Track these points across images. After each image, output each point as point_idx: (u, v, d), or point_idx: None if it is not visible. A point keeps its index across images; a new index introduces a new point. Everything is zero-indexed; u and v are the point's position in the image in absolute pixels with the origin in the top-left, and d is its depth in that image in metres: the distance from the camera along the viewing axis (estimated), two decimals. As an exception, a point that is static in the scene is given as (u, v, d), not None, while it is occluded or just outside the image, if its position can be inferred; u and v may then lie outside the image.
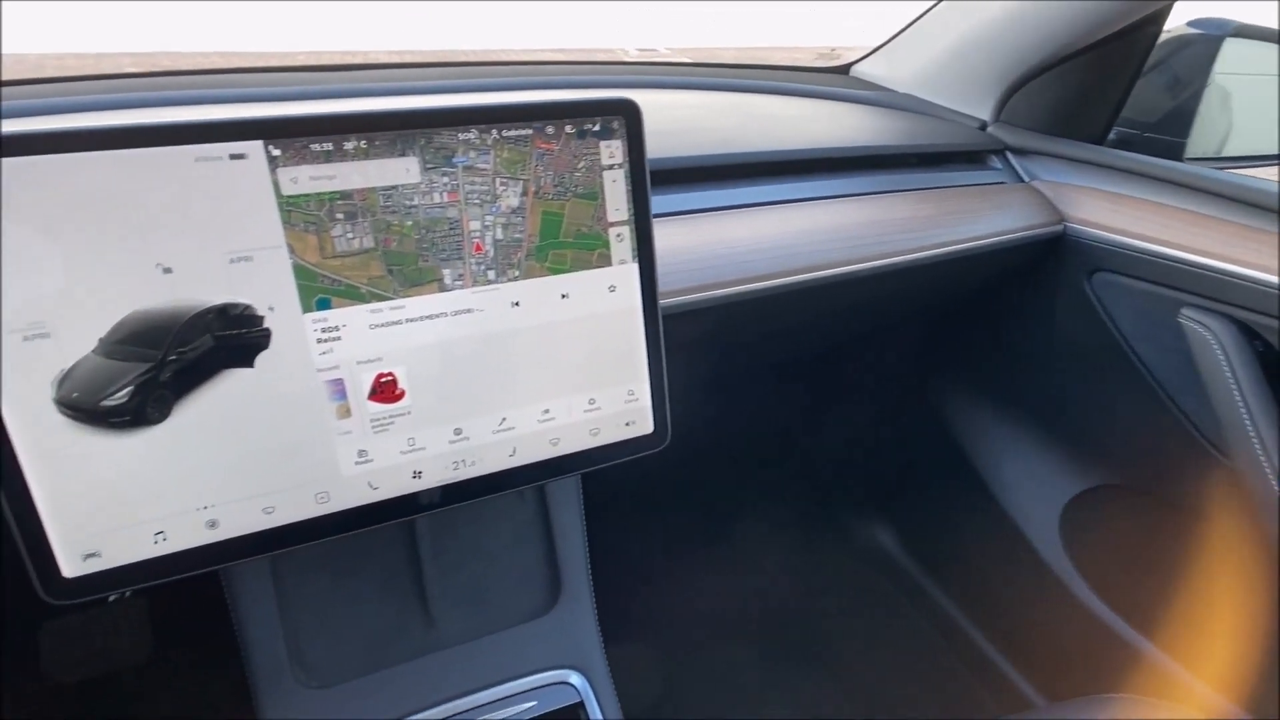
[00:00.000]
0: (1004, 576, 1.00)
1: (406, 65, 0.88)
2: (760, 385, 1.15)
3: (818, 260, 0.65)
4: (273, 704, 0.53)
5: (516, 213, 0.44)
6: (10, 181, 0.34)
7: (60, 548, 0.38)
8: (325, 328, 0.41)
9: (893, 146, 0.82)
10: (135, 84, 0.73)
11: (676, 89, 0.95)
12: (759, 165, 0.72)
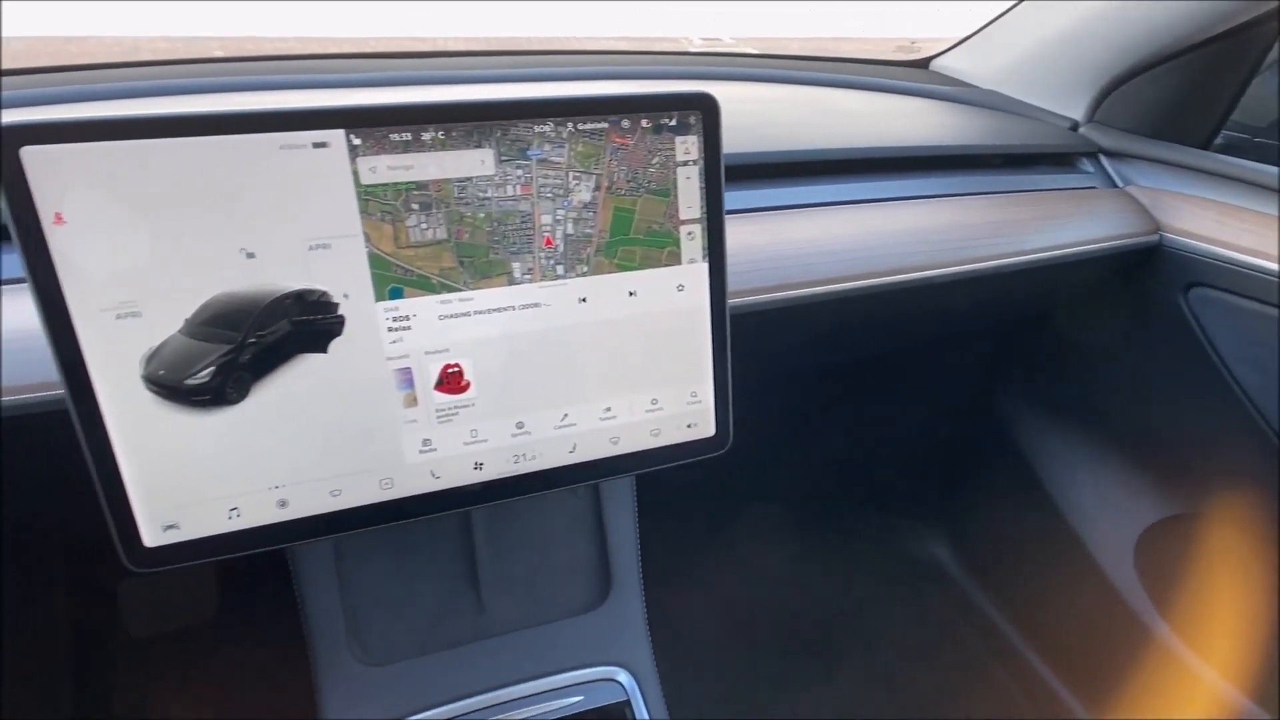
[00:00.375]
0: (1067, 599, 0.95)
1: (476, 53, 0.89)
2: (815, 387, 1.12)
3: (891, 264, 0.62)
4: (331, 677, 0.54)
5: (588, 208, 0.43)
6: (107, 165, 0.35)
7: (142, 518, 0.39)
8: (396, 317, 0.41)
9: (975, 146, 0.78)
10: (219, 69, 0.76)
11: (747, 81, 0.93)
12: (832, 163, 0.70)
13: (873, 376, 1.12)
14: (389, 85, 0.73)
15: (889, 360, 1.08)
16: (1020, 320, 0.92)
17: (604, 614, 0.61)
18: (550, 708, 0.56)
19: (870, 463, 1.22)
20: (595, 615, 0.61)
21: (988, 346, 0.99)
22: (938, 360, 1.07)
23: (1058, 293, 0.82)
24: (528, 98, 0.40)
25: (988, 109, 0.88)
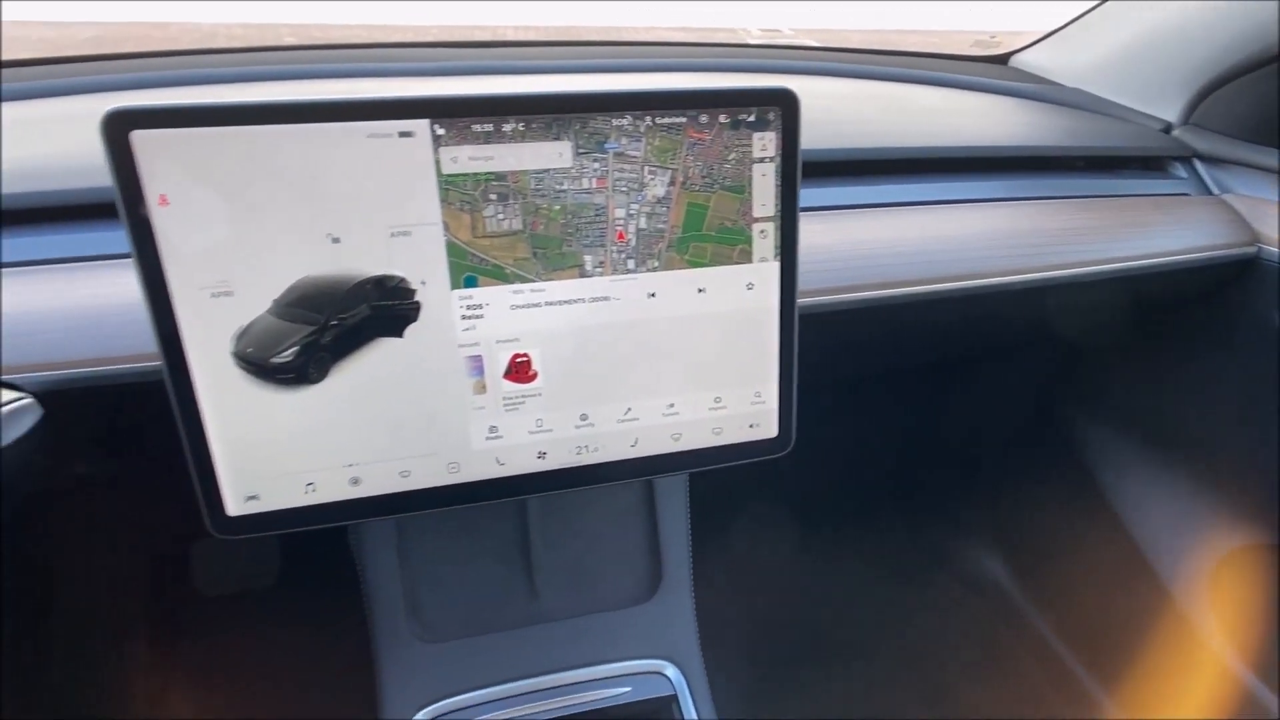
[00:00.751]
0: (1130, 623, 0.91)
1: (544, 43, 0.89)
2: (870, 389, 1.10)
3: (963, 269, 0.60)
4: (389, 651, 0.56)
5: (661, 203, 0.43)
6: (208, 150, 0.36)
7: (227, 488, 0.41)
8: (470, 305, 0.42)
9: (1057, 147, 0.75)
10: (299, 56, 0.78)
11: (818, 75, 0.91)
12: (905, 162, 0.68)
13: (931, 382, 1.09)
14: (461, 75, 0.74)
15: (949, 366, 1.05)
16: (1095, 331, 0.88)
17: (653, 607, 0.61)
18: (599, 696, 0.57)
19: (922, 470, 1.19)
20: (645, 608, 0.61)
21: (1057, 356, 0.95)
22: (1001, 368, 1.03)
23: (1141, 305, 0.78)
24: (609, 90, 0.40)
25: (1072, 108, 0.84)
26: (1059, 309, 0.75)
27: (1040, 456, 1.00)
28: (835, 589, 1.09)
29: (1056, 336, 0.90)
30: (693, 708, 0.57)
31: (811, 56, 0.98)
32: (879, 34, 7.59)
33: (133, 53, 0.78)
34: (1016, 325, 0.80)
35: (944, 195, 0.67)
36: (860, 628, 1.05)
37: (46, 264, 0.48)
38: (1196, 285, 0.73)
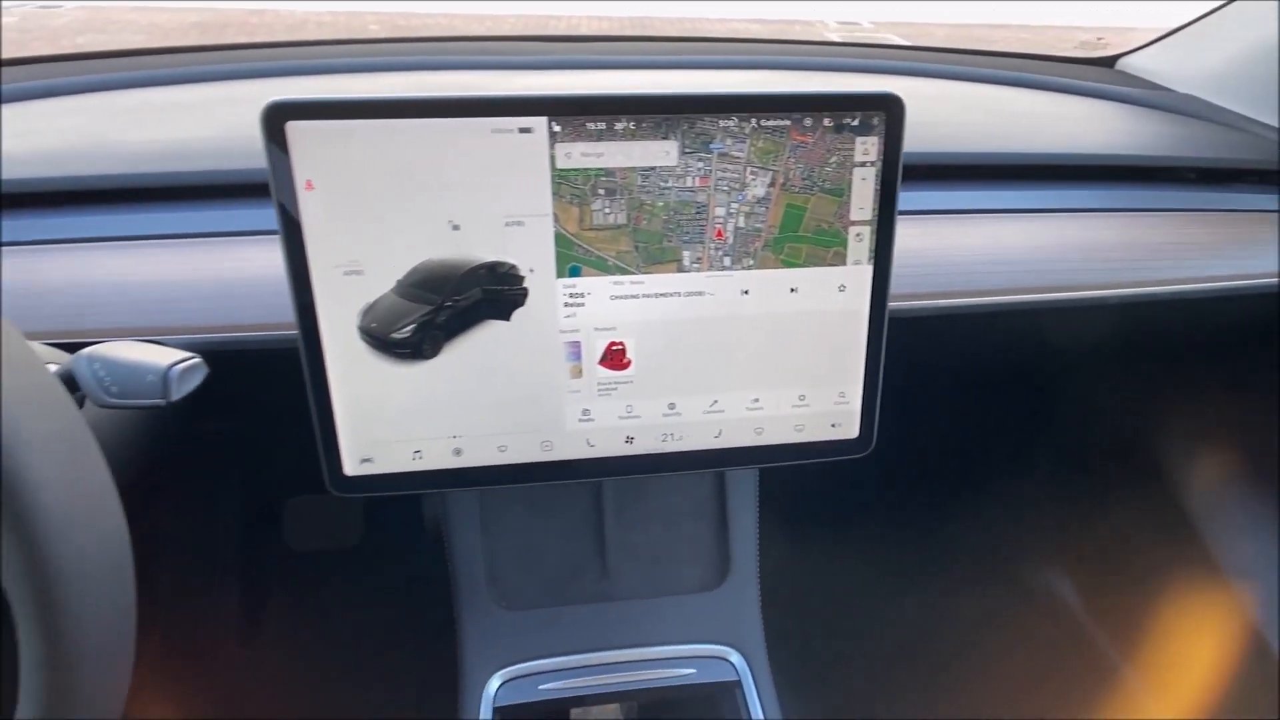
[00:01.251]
0: (1204, 654, 0.87)
1: (637, 39, 0.91)
2: (950, 398, 1.08)
3: (1059, 280, 0.59)
4: (470, 615, 0.60)
5: (761, 203, 0.44)
6: (350, 140, 0.40)
7: (345, 450, 0.45)
8: (573, 293, 0.44)
9: (1166, 157, 0.72)
10: (407, 48, 0.82)
11: (911, 76, 0.89)
12: (1003, 168, 0.67)
13: (1011, 392, 1.06)
14: (559, 69, 0.77)
15: (1031, 376, 1.02)
16: (1193, 349, 0.84)
17: (720, 595, 0.63)
18: (664, 674, 0.59)
19: (994, 481, 1.16)
20: (712, 595, 0.63)
21: (1148, 372, 0.91)
22: (1087, 382, 0.99)
23: (1251, 327, 0.74)
24: (718, 93, 0.42)
25: (1184, 116, 0.80)
26: (1161, 326, 0.73)
27: (1120, 475, 0.96)
28: (897, 594, 1.08)
29: (1155, 355, 0.86)
30: (755, 695, 0.59)
31: (905, 56, 0.96)
32: (965, 29, 7.20)
33: (258, 43, 0.84)
34: (1110, 340, 0.78)
35: (1042, 203, 0.65)
36: (921, 635, 1.04)
37: (191, 238, 0.53)
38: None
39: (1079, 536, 1.06)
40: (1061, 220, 0.63)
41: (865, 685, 0.96)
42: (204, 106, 0.65)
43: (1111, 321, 0.68)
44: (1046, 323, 0.65)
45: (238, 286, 0.51)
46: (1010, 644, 1.05)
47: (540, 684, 0.58)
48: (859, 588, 1.07)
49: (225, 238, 0.53)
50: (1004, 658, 1.04)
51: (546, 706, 0.57)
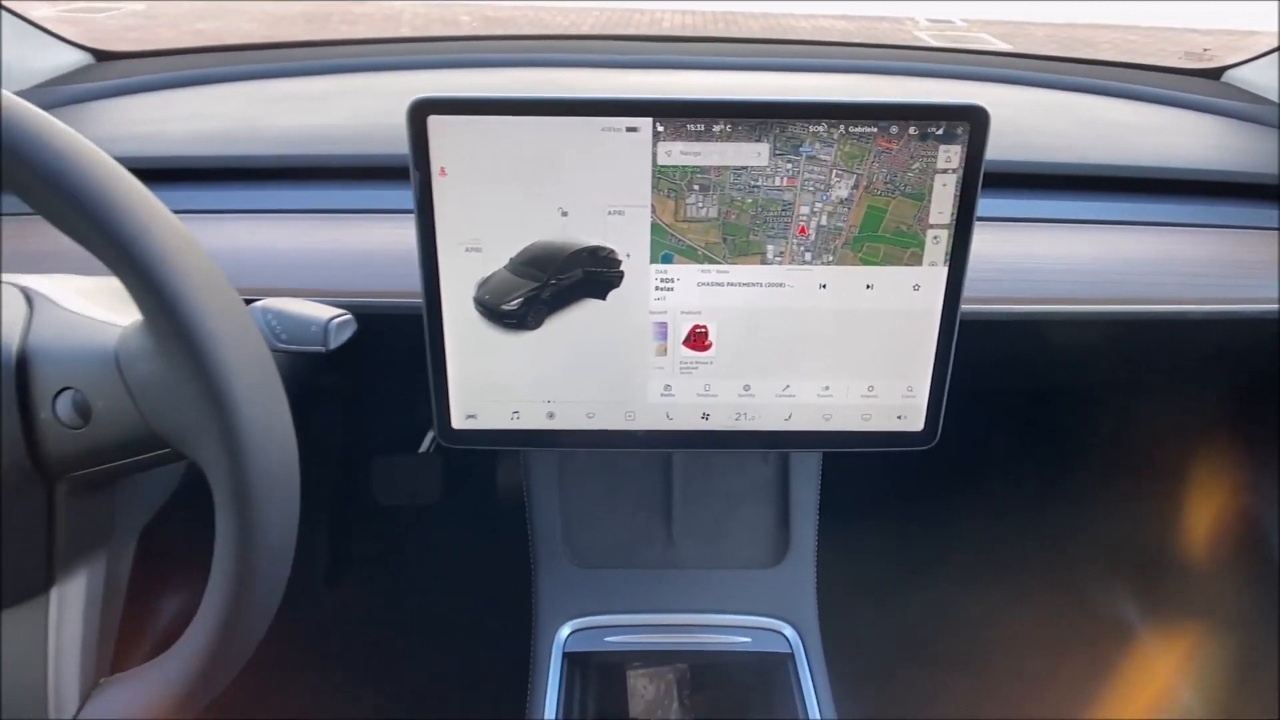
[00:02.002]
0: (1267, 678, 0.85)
1: (731, 40, 0.95)
2: (1020, 405, 1.07)
3: (1133, 293, 0.60)
4: (546, 569, 0.66)
5: (844, 204, 0.48)
6: (479, 134, 0.45)
7: (454, 406, 0.51)
8: (664, 278, 0.49)
9: (1266, 174, 0.70)
10: (503, 46, 0.88)
11: (1005, 84, 0.90)
12: (1091, 179, 0.67)
13: (1085, 402, 1.04)
14: (658, 69, 0.81)
15: (1105, 387, 1.00)
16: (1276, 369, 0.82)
17: (778, 573, 0.66)
18: (721, 640, 0.63)
19: (1060, 492, 1.14)
20: (770, 573, 0.67)
21: (1227, 391, 0.88)
22: (1161, 397, 0.97)
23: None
24: (810, 100, 0.45)
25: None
26: (1241, 347, 0.72)
27: (1192, 495, 0.94)
28: (954, 597, 1.08)
29: (1238, 375, 0.84)
30: (807, 668, 0.62)
31: (998, 63, 0.96)
32: (1068, 29, 6.84)
33: (386, 38, 0.92)
34: (1188, 359, 0.77)
35: (1127, 215, 0.65)
36: (974, 640, 1.04)
37: (328, 213, 0.60)
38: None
39: (1147, 553, 1.04)
40: (1140, 232, 0.63)
41: (911, 673, 0.98)
42: (340, 96, 0.72)
43: (1189, 337, 0.67)
44: (1119, 335, 0.65)
45: (366, 258, 0.58)
46: (1069, 656, 1.05)
47: (606, 636, 0.63)
48: (914, 589, 1.08)
49: (357, 214, 0.59)
50: (1060, 668, 1.03)
51: (610, 656, 0.63)
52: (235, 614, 0.34)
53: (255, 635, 0.36)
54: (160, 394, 0.32)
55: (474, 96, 0.44)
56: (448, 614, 0.96)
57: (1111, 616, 1.05)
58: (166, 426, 0.33)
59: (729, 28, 6.99)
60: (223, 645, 0.35)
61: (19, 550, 0.35)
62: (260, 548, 0.33)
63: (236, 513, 0.32)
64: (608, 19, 7.57)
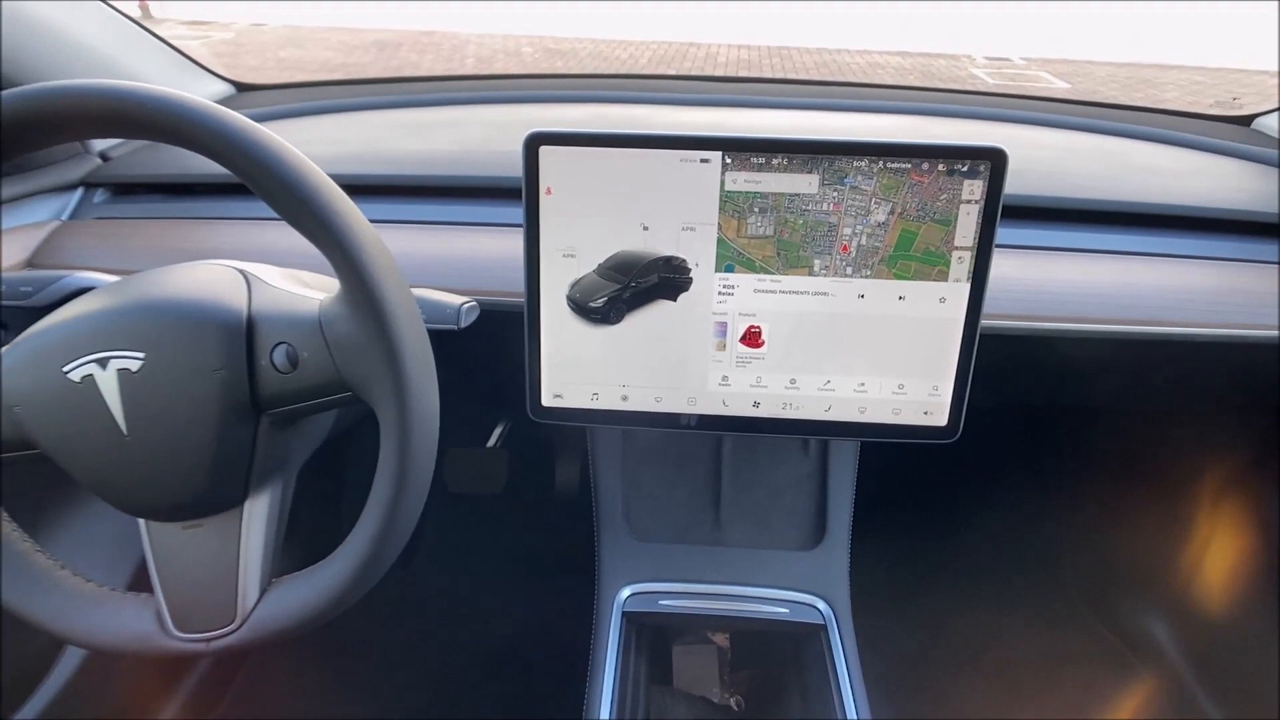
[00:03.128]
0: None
1: (790, 82, 1.04)
2: (1059, 425, 1.12)
3: (1148, 316, 0.66)
4: (608, 539, 0.75)
5: (881, 227, 0.56)
6: (578, 161, 0.55)
7: (545, 386, 0.61)
8: (725, 285, 0.58)
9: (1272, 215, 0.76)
10: (584, 83, 1.00)
11: (1045, 127, 0.97)
12: (1119, 214, 0.74)
13: (1102, 421, 1.09)
14: (721, 107, 0.91)
15: (1132, 414, 1.05)
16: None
17: (815, 556, 0.74)
18: (761, 609, 0.71)
19: (1093, 514, 1.18)
20: (808, 555, 0.74)
21: (1255, 423, 0.92)
22: (1187, 426, 1.01)
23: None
24: (855, 140, 0.54)
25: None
26: (1254, 373, 0.77)
27: (1223, 522, 0.98)
28: (981, 610, 1.13)
29: (1256, 402, 0.88)
30: (839, 639, 0.69)
31: (1039, 108, 1.03)
32: (1130, 68, 6.79)
33: (483, 75, 1.05)
34: (1208, 384, 0.82)
35: (1145, 248, 0.72)
36: (998, 651, 1.08)
37: (441, 225, 0.71)
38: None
39: (1179, 580, 1.07)
40: (1159, 263, 0.70)
41: (934, 689, 1.03)
42: (445, 126, 0.84)
43: (1204, 362, 0.73)
44: (1138, 356, 0.71)
45: (470, 263, 0.68)
46: (1098, 680, 1.08)
47: (660, 600, 0.71)
48: (942, 599, 1.13)
49: (466, 226, 0.71)
50: (1090, 691, 1.06)
51: (664, 618, 0.71)
52: (390, 524, 0.44)
53: (401, 543, 0.46)
54: (350, 348, 0.43)
55: (578, 131, 0.55)
56: (515, 584, 1.06)
57: (1140, 641, 1.08)
58: (352, 373, 0.43)
59: (783, 62, 7.15)
60: (377, 549, 0.45)
61: (228, 468, 0.46)
62: (413, 471, 0.43)
63: (397, 442, 0.43)
64: (665, 52, 7.82)
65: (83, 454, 0.44)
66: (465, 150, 0.78)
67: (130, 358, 0.42)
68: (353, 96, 0.95)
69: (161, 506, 0.46)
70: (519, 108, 0.89)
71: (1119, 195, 0.75)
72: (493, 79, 0.95)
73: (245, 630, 0.47)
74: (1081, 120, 0.97)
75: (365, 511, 0.45)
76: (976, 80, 6.56)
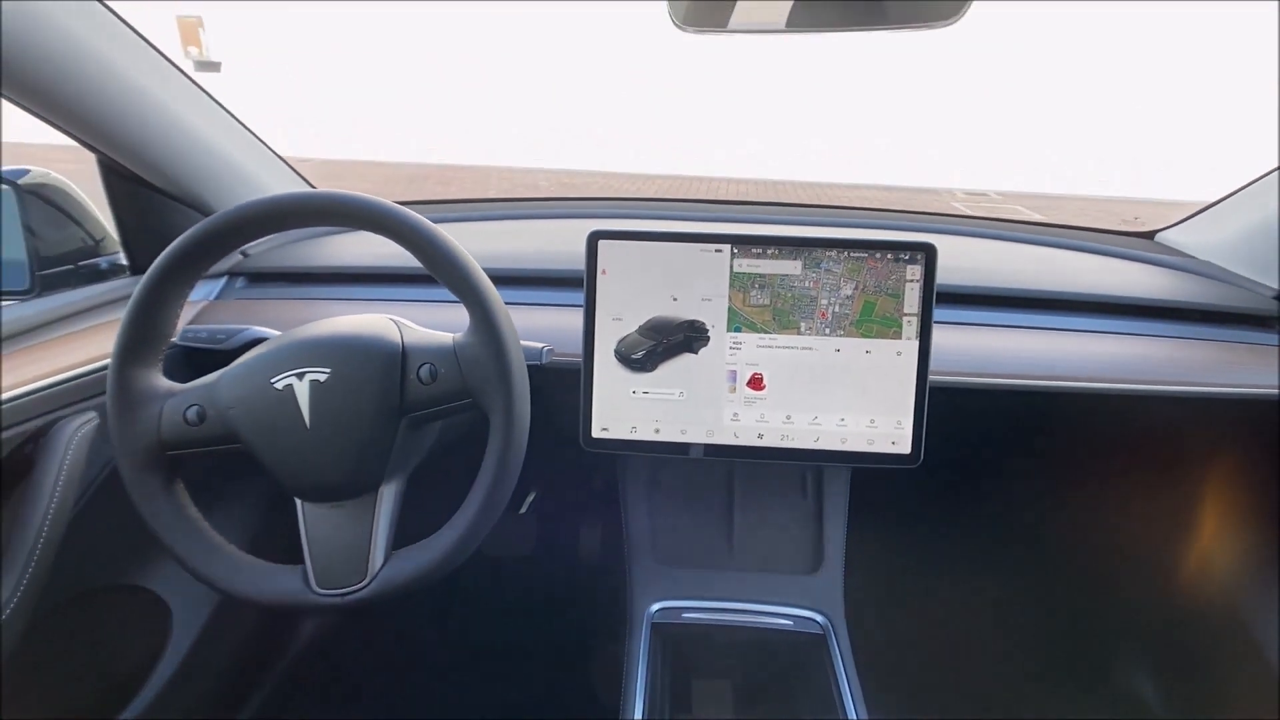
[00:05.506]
0: None
1: (786, 205, 1.29)
2: (1005, 460, 1.26)
3: (1069, 371, 0.84)
4: (638, 563, 0.88)
5: (849, 299, 0.76)
6: (626, 250, 0.76)
7: (595, 421, 0.78)
8: (734, 342, 0.77)
9: (1178, 301, 0.96)
10: (626, 205, 1.24)
11: (990, 239, 1.19)
12: (1041, 300, 0.94)
13: (1053, 464, 1.22)
14: (733, 222, 1.14)
15: (1065, 454, 1.18)
16: (1223, 455, 1.02)
17: (814, 579, 0.87)
18: (769, 621, 0.83)
19: (1075, 570, 1.29)
20: (809, 578, 0.88)
21: (1195, 475, 1.07)
22: (1152, 480, 1.15)
23: (1251, 434, 0.93)
24: (827, 237, 0.75)
25: (1198, 275, 1.04)
26: (1172, 428, 0.93)
27: (1184, 571, 1.10)
28: (964, 619, 1.23)
29: (1192, 457, 1.04)
30: (836, 645, 0.81)
31: (987, 225, 1.27)
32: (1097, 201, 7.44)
33: (553, 197, 1.29)
34: (1142, 438, 0.98)
35: (1067, 325, 0.91)
36: (982, 655, 1.17)
37: (527, 305, 0.91)
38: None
39: (1157, 631, 1.17)
40: (1079, 338, 0.89)
41: (919, 655, 1.13)
42: (530, 233, 1.07)
43: (1128, 415, 0.90)
44: (1070, 409, 0.89)
45: (545, 330, 0.88)
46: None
47: (683, 614, 0.84)
48: (924, 588, 1.24)
49: (539, 306, 0.90)
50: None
51: (686, 629, 0.83)
52: (490, 500, 0.60)
53: (494, 518, 0.61)
54: (475, 367, 0.61)
55: (628, 230, 0.76)
56: (554, 606, 1.18)
57: (1124, 694, 1.17)
58: (474, 384, 0.61)
59: (779, 194, 7.83)
60: (477, 522, 0.60)
61: (374, 458, 0.62)
62: (511, 462, 0.60)
63: (502, 437, 0.60)
64: (671, 186, 8.57)
65: (274, 445, 0.61)
66: (543, 251, 0.99)
67: (320, 371, 0.61)
68: (450, 212, 1.19)
69: (324, 485, 0.62)
70: (567, 221, 1.13)
71: (1042, 285, 0.95)
72: (544, 200, 1.19)
73: (374, 587, 0.61)
74: (1020, 235, 1.20)
75: (472, 491, 0.61)
76: (956, 210, 7.17)
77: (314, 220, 0.62)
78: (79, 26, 0.73)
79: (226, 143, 0.97)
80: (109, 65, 0.75)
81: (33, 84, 0.71)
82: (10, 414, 0.70)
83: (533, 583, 1.28)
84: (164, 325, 0.63)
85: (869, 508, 0.92)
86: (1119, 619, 1.17)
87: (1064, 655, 1.19)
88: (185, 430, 0.61)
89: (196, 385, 0.63)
